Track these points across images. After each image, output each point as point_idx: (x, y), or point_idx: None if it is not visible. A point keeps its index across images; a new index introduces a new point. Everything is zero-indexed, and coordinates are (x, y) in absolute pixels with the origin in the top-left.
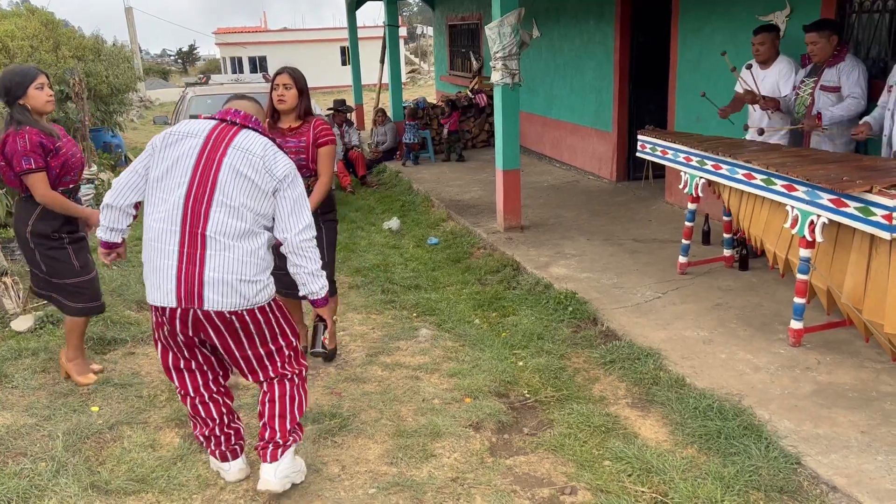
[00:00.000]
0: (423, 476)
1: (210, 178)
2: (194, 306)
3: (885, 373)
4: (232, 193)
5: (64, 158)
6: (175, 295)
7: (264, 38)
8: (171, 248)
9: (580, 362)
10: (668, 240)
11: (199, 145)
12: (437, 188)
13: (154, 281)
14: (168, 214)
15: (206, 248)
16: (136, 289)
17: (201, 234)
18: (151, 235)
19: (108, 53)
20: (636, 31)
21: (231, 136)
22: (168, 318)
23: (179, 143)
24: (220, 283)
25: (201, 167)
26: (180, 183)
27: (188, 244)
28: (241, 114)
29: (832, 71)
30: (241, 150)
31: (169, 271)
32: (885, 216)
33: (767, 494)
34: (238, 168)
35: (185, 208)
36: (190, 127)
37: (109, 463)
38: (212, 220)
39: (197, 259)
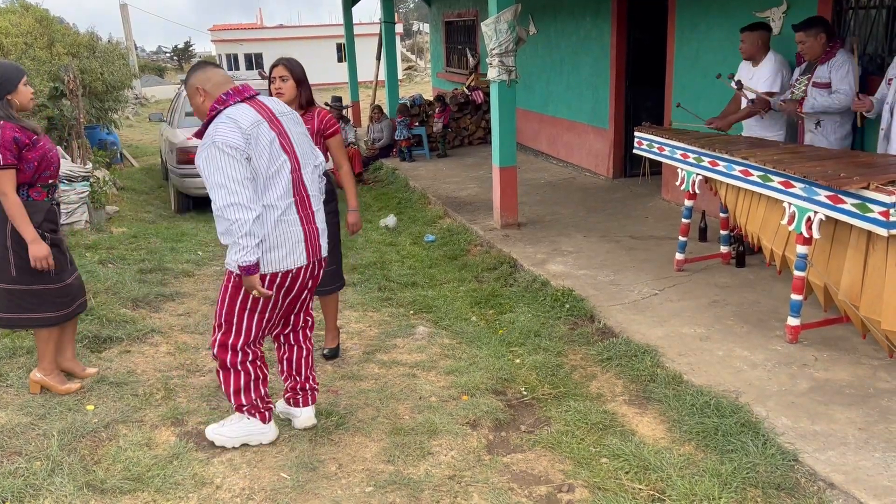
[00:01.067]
0: (421, 474)
1: (293, 147)
2: (318, 257)
3: (882, 369)
4: (304, 151)
5: (42, 152)
6: (305, 254)
7: (260, 35)
8: (294, 217)
9: (577, 359)
10: (665, 237)
11: (268, 125)
12: (433, 185)
13: (285, 249)
14: (285, 190)
15: (313, 205)
16: (132, 287)
17: (307, 196)
18: (277, 215)
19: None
20: (633, 28)
21: (265, 106)
22: (293, 276)
23: (259, 133)
24: (323, 231)
25: (283, 142)
26: (284, 162)
27: (301, 207)
28: (248, 88)
29: (824, 68)
30: (284, 114)
31: (298, 236)
32: (882, 213)
33: (765, 491)
34: (294, 129)
35: (294, 181)
36: (246, 117)
37: (105, 462)
38: (307, 181)
39: (312, 217)
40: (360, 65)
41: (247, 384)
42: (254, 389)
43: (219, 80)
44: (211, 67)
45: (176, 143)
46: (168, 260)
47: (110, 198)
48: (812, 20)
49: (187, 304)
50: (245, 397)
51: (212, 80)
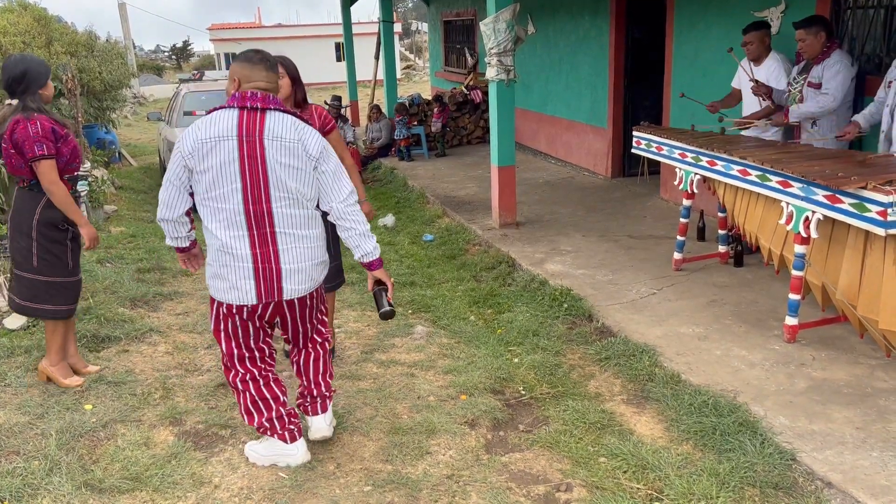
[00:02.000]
0: (419, 473)
1: (260, 177)
2: (274, 300)
3: (880, 369)
4: (286, 185)
5: (73, 144)
6: (255, 293)
7: (258, 34)
8: (243, 252)
9: (575, 359)
10: (664, 236)
11: (236, 147)
12: (432, 184)
13: (228, 283)
14: (230, 221)
15: (278, 244)
16: (130, 286)
17: (270, 234)
18: (218, 244)
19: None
20: (631, 27)
21: (260, 125)
22: (248, 313)
23: (216, 150)
24: (296, 272)
25: (248, 168)
26: (233, 189)
27: (259, 244)
28: (259, 96)
29: (819, 68)
30: (277, 139)
31: (244, 272)
32: (879, 212)
33: (763, 491)
34: (281, 160)
35: (247, 212)
36: (216, 127)
37: (103, 461)
38: (276, 216)
39: (271, 257)
40: (358, 64)
41: (253, 403)
42: (264, 409)
43: (250, 78)
44: (256, 63)
45: (174, 142)
46: (166, 259)
47: (108, 197)
48: (813, 19)
49: (185, 304)
50: (256, 417)
51: (248, 77)
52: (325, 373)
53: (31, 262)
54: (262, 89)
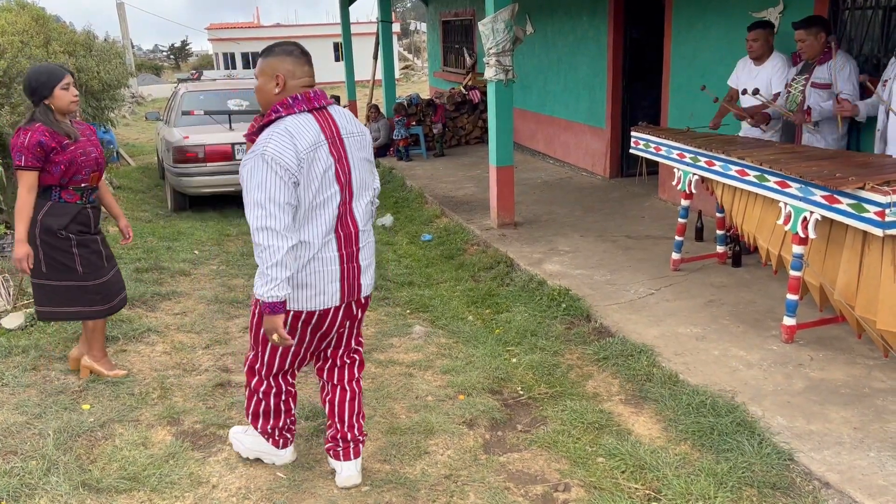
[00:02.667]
0: (417, 473)
1: (348, 176)
2: (354, 298)
3: (878, 369)
4: (363, 181)
5: (72, 156)
6: (339, 295)
7: (257, 33)
8: (332, 255)
9: (573, 359)
10: (662, 236)
11: (328, 149)
12: (430, 184)
13: (314, 290)
14: (328, 227)
15: (360, 242)
16: (128, 286)
17: (355, 232)
18: (311, 254)
19: (99, 49)
20: (629, 27)
21: (334, 124)
22: (321, 315)
23: (316, 157)
24: (369, 268)
25: (340, 169)
26: (333, 193)
27: (345, 244)
28: (320, 95)
29: (823, 68)
30: (351, 135)
31: (333, 276)
32: (877, 213)
33: (760, 491)
34: (359, 155)
35: (340, 215)
36: (308, 134)
37: (101, 461)
38: (357, 214)
39: (354, 255)
40: (357, 64)
41: (266, 413)
42: (273, 419)
43: (301, 76)
44: (297, 56)
45: (172, 141)
46: (164, 259)
47: None
48: (813, 19)
49: (184, 304)
50: (261, 423)
51: (296, 76)
52: (359, 414)
53: (39, 269)
54: (310, 86)
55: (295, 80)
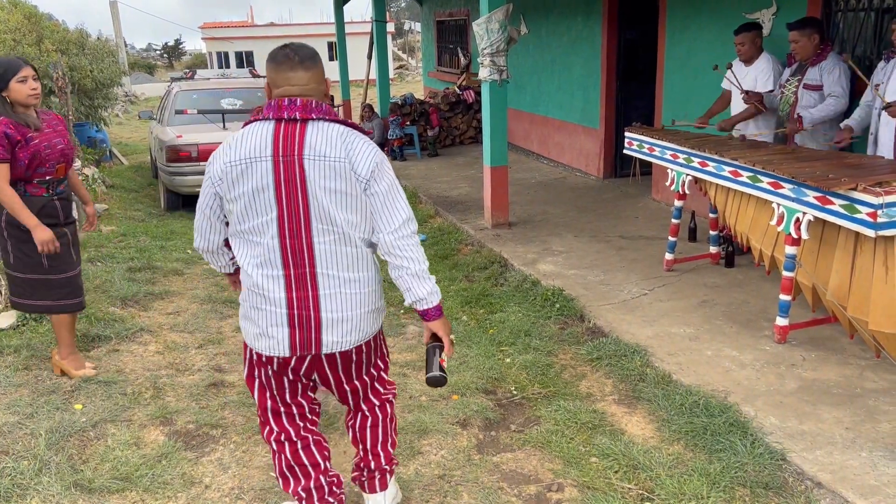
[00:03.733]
0: (410, 473)
1: (300, 205)
2: (311, 353)
3: (869, 369)
4: (329, 215)
5: (35, 150)
6: (288, 344)
7: (251, 32)
8: (277, 296)
9: (567, 359)
10: (655, 237)
11: (271, 169)
12: (424, 184)
13: (259, 329)
14: (264, 258)
15: (319, 289)
16: (121, 285)
17: (311, 275)
18: (250, 283)
19: (92, 47)
20: (623, 28)
21: (299, 141)
22: (279, 365)
23: (248, 173)
24: (339, 322)
25: (284, 195)
26: (268, 221)
27: (296, 287)
28: (298, 104)
29: (815, 70)
30: (318, 158)
31: (277, 318)
32: (869, 214)
33: (753, 491)
34: (324, 184)
35: (283, 248)
36: (249, 145)
37: (93, 461)
38: (318, 253)
39: (310, 303)
40: (351, 63)
41: (289, 468)
42: (301, 476)
43: (281, 84)
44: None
45: (166, 140)
46: (157, 258)
47: (99, 196)
48: (806, 20)
49: (177, 303)
50: (291, 484)
51: (276, 82)
52: (384, 441)
53: (9, 260)
54: (303, 95)
55: (276, 88)
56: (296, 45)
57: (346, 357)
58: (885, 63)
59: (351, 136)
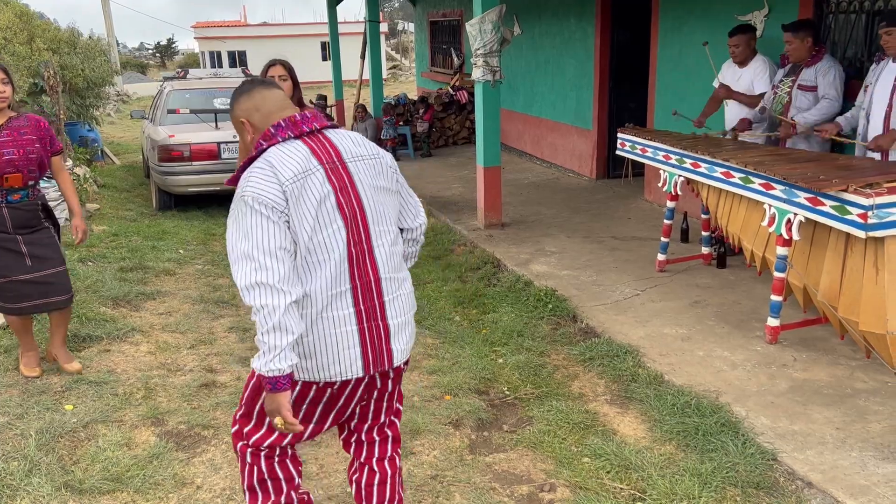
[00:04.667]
0: (403, 474)
1: (356, 210)
2: (384, 367)
3: (860, 370)
4: (381, 214)
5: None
6: (362, 363)
7: (244, 32)
8: (346, 312)
9: (559, 359)
10: (648, 237)
11: (324, 175)
12: (417, 185)
13: (327, 357)
14: (334, 275)
15: (384, 295)
16: (112, 285)
17: (375, 281)
18: (317, 309)
19: (83, 46)
20: (616, 29)
21: (333, 147)
22: (337, 389)
23: (307, 186)
24: (402, 328)
25: (345, 202)
26: (335, 231)
27: (363, 299)
28: (309, 117)
29: (810, 71)
30: (358, 158)
31: (349, 339)
32: (860, 215)
33: (744, 490)
34: (372, 183)
35: (350, 259)
36: (294, 161)
37: (83, 462)
38: (379, 258)
39: (378, 312)
40: (344, 63)
41: (251, 481)
42: (261, 493)
43: (271, 107)
44: (261, 89)
45: (158, 140)
46: (149, 258)
47: (91, 195)
48: (801, 22)
49: (168, 303)
50: (251, 497)
51: (262, 109)
52: (392, 499)
53: None
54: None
55: (262, 112)
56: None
57: (397, 373)
58: (876, 65)
59: (361, 136)
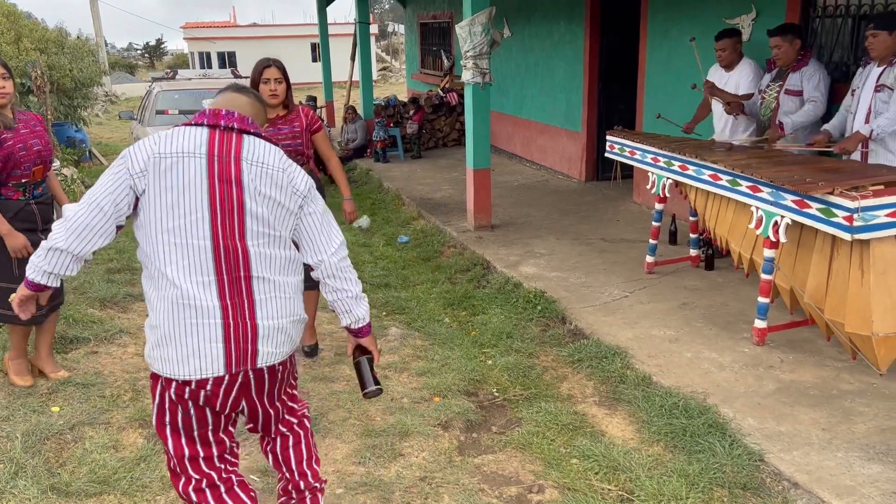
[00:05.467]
0: (392, 475)
1: (234, 205)
2: (247, 367)
3: (846, 371)
4: (262, 219)
5: (9, 151)
6: (224, 360)
7: (233, 33)
8: (210, 304)
9: (548, 361)
10: (636, 239)
11: (205, 166)
12: (407, 186)
13: (186, 349)
14: (194, 262)
15: (254, 293)
16: (100, 286)
17: (245, 278)
18: (174, 293)
19: (71, 46)
20: (606, 32)
21: (237, 146)
22: (209, 391)
23: (178, 167)
24: (275, 331)
25: (218, 193)
26: (199, 218)
27: (230, 294)
28: (235, 116)
29: (796, 75)
30: (258, 164)
31: (210, 332)
32: (845, 217)
33: (731, 491)
34: (262, 189)
35: (217, 250)
36: (182, 142)
37: (70, 464)
38: (253, 257)
39: (246, 309)
40: (334, 65)
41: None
42: None
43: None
44: (235, 89)
45: None
46: (137, 259)
47: (78, 196)
48: (787, 26)
49: None
50: None
51: (217, 102)
52: (310, 458)
53: None
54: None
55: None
56: (245, 86)
57: (273, 372)
58: (863, 69)
59: (286, 157)
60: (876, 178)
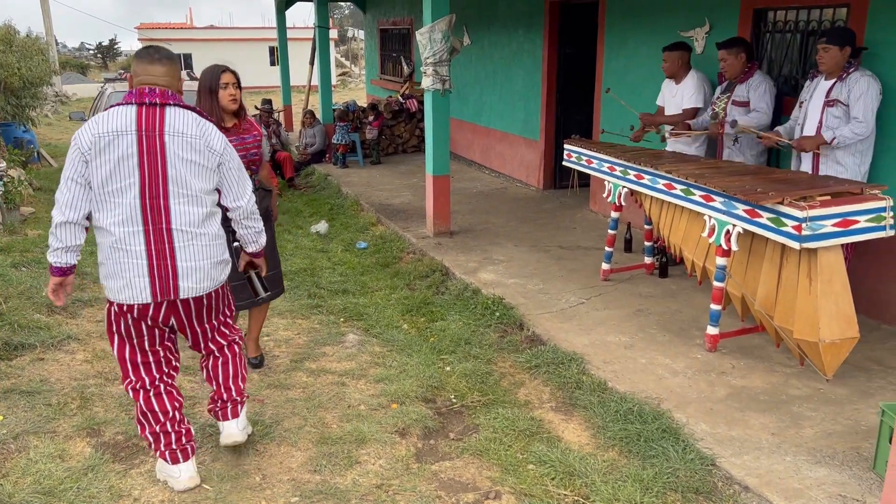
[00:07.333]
0: (348, 483)
1: (159, 172)
2: (170, 298)
3: (794, 377)
4: (185, 181)
5: None
6: (150, 291)
7: (190, 35)
8: (138, 249)
9: (506, 367)
10: (592, 247)
11: (135, 141)
12: (366, 192)
13: (122, 281)
14: (127, 216)
15: (174, 241)
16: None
17: (167, 230)
18: (112, 240)
19: (20, 44)
20: (564, 42)
21: (160, 120)
22: (138, 312)
23: (114, 144)
24: (193, 270)
25: (146, 163)
26: (130, 184)
27: (154, 241)
28: (157, 92)
29: (743, 87)
30: (178, 134)
31: (139, 269)
32: (794, 227)
33: (684, 495)
34: (182, 155)
35: (144, 207)
36: (114, 122)
37: (13, 475)
38: (173, 213)
39: (167, 254)
40: (292, 69)
41: (142, 414)
42: (152, 421)
43: (143, 77)
44: (149, 59)
45: None
46: (86, 264)
47: (25, 198)
48: (734, 40)
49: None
50: (140, 428)
51: (139, 74)
52: (235, 377)
53: None
54: (159, 85)
55: (137, 78)
56: (157, 46)
57: (198, 302)
58: (810, 82)
59: (203, 121)
60: (824, 188)
